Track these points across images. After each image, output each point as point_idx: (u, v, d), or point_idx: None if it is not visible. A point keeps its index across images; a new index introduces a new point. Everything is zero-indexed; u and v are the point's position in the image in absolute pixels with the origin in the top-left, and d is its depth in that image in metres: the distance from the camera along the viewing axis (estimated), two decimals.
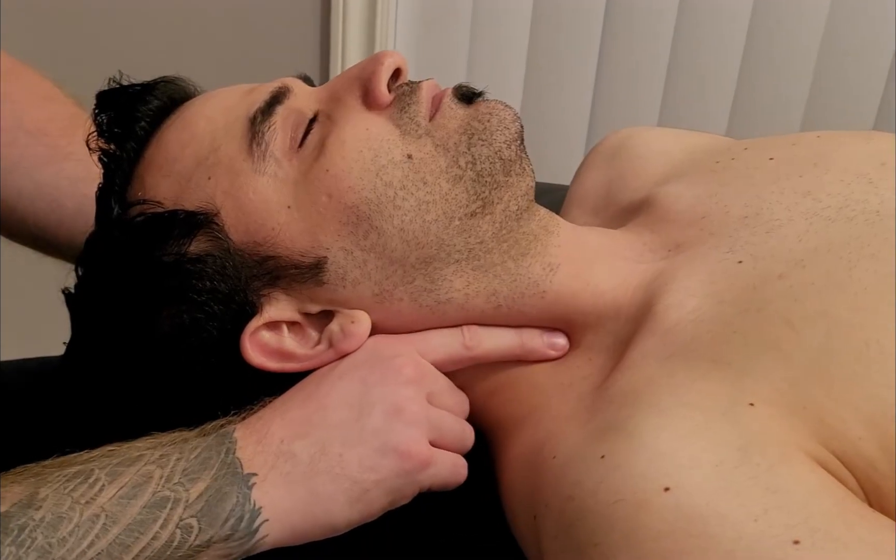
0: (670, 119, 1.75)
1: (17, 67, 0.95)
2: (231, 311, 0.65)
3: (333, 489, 0.60)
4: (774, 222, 0.66)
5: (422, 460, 0.62)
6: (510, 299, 0.68)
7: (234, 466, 0.59)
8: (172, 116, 0.70)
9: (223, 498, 0.58)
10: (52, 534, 0.53)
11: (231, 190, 0.65)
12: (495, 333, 0.69)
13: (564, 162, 0.96)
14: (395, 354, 0.66)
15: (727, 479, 0.52)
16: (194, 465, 0.58)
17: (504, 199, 0.66)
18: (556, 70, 1.73)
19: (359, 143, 0.65)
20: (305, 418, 0.62)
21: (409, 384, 0.64)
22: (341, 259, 0.65)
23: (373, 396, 0.63)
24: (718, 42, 1.72)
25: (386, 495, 0.62)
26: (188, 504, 0.57)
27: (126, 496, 0.56)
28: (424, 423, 0.63)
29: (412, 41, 1.71)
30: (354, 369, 0.64)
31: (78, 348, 0.70)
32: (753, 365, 0.58)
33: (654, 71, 1.73)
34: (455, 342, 0.68)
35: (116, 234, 0.67)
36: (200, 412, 0.63)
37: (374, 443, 0.61)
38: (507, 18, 1.69)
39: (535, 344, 0.69)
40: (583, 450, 0.58)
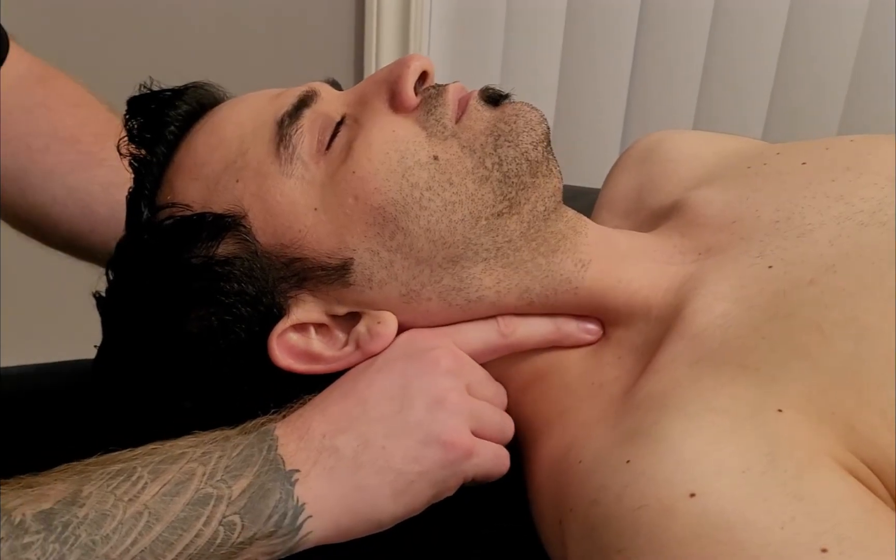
0: (705, 122, 1.74)
1: (50, 73, 0.97)
2: (259, 313, 0.65)
3: (378, 482, 0.60)
4: (806, 227, 0.66)
5: (465, 450, 0.62)
6: (542, 296, 0.68)
7: (276, 463, 0.59)
8: (201, 121, 0.71)
9: (266, 494, 0.58)
10: (95, 531, 0.54)
11: (259, 192, 0.65)
12: (529, 321, 0.69)
13: (598, 164, 0.96)
14: (432, 346, 0.66)
15: (754, 486, 0.52)
16: (236, 463, 0.58)
17: (531, 199, 0.66)
18: (591, 72, 1.73)
19: (385, 144, 0.65)
20: (346, 413, 0.62)
21: (448, 374, 0.64)
22: (368, 260, 0.65)
23: (413, 388, 0.63)
24: (754, 44, 1.71)
25: (430, 487, 0.62)
26: (231, 501, 0.57)
27: (169, 493, 0.56)
28: (466, 413, 0.63)
29: (446, 43, 1.71)
30: (393, 363, 0.65)
31: (109, 351, 0.70)
32: (782, 370, 0.57)
33: (689, 73, 1.73)
34: (491, 331, 0.68)
35: (146, 237, 0.67)
36: (231, 414, 0.64)
37: (417, 434, 0.61)
38: (540, 20, 1.69)
39: (570, 328, 0.69)
40: (608, 454, 0.58)
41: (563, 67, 1.73)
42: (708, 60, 1.72)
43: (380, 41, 1.63)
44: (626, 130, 1.77)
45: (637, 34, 1.70)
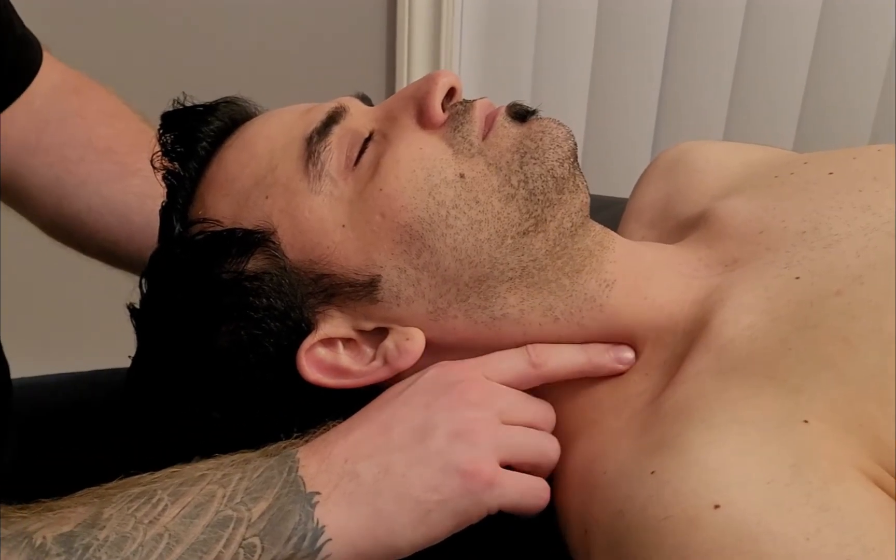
0: (736, 132, 1.74)
1: (85, 84, 0.98)
2: (287, 327, 0.65)
3: (396, 509, 0.60)
4: (833, 237, 0.65)
5: (486, 480, 0.61)
6: (567, 314, 0.68)
7: (296, 485, 0.59)
8: (233, 136, 0.71)
9: (286, 516, 0.58)
10: (115, 553, 0.54)
11: (287, 209, 0.66)
12: (561, 350, 0.68)
13: (629, 175, 0.96)
14: (459, 380, 0.65)
15: (779, 497, 0.51)
16: (257, 485, 0.59)
17: (557, 217, 0.66)
18: (621, 82, 1.73)
19: (412, 162, 0.65)
20: (369, 440, 0.62)
21: (473, 406, 0.64)
22: (395, 277, 0.65)
23: (436, 419, 0.63)
24: (784, 55, 1.70)
25: (450, 517, 0.61)
26: (251, 523, 0.57)
27: (189, 516, 0.56)
28: (491, 444, 0.63)
29: (477, 57, 1.71)
30: (419, 395, 0.64)
31: (142, 362, 0.71)
32: (808, 382, 0.57)
33: (719, 84, 1.72)
34: (521, 362, 0.67)
35: (178, 251, 0.68)
36: (261, 430, 0.64)
37: (437, 463, 0.61)
38: (571, 33, 1.69)
39: (603, 360, 0.68)
40: (633, 465, 0.58)
41: (593, 79, 1.73)
42: (738, 72, 1.72)
43: (411, 55, 1.63)
44: (657, 141, 1.76)
45: (667, 45, 1.70)
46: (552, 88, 1.72)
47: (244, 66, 1.69)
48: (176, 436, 0.64)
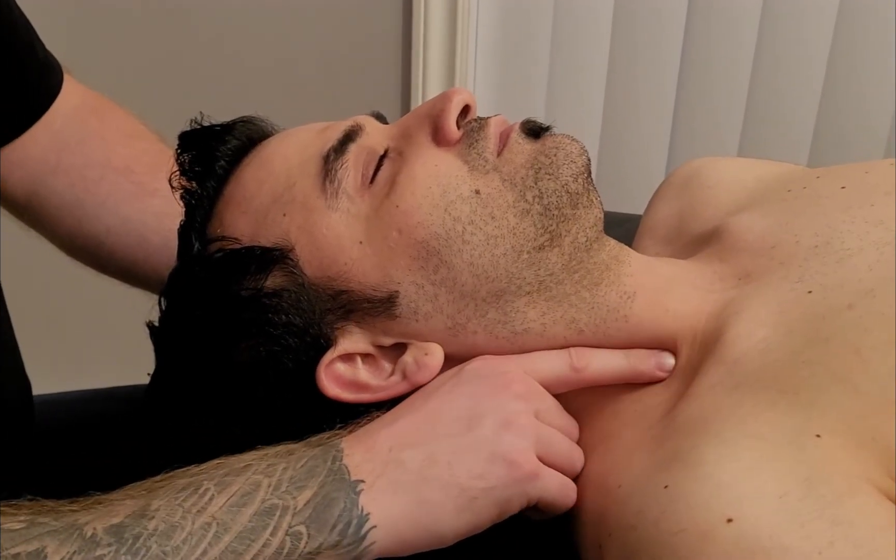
0: (751, 148, 1.73)
1: (105, 105, 0.98)
2: (306, 343, 0.66)
3: (442, 497, 0.60)
4: (845, 252, 0.66)
5: (530, 470, 0.62)
6: (593, 326, 0.68)
7: (340, 473, 0.59)
8: (250, 155, 0.72)
9: (330, 504, 0.58)
10: (165, 542, 0.54)
11: (305, 226, 0.66)
12: (604, 355, 0.68)
13: (644, 191, 0.96)
14: (504, 371, 0.66)
15: (792, 511, 0.52)
16: (301, 474, 0.59)
17: (572, 231, 0.67)
18: (636, 99, 1.73)
19: (428, 179, 0.66)
20: (414, 429, 0.62)
21: (518, 399, 0.64)
22: (413, 293, 0.66)
23: (482, 408, 0.63)
24: (798, 72, 1.70)
25: (494, 505, 0.61)
26: (296, 511, 0.57)
27: (236, 504, 0.56)
28: (533, 437, 0.63)
29: (491, 75, 1.71)
30: (464, 385, 0.65)
31: (161, 379, 0.72)
32: (821, 396, 0.57)
33: (734, 100, 1.72)
34: (562, 364, 0.68)
35: (196, 269, 0.69)
36: (282, 440, 0.64)
37: (483, 452, 0.61)
38: (585, 50, 1.69)
39: (645, 366, 0.68)
40: (647, 479, 0.58)
41: (607, 96, 1.73)
42: (752, 87, 1.72)
43: (426, 73, 1.63)
44: (671, 157, 1.76)
45: (681, 62, 1.70)
46: (566, 106, 1.72)
47: (261, 86, 1.70)
48: (195, 451, 0.64)
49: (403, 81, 1.67)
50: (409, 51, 1.63)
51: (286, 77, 1.71)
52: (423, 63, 1.63)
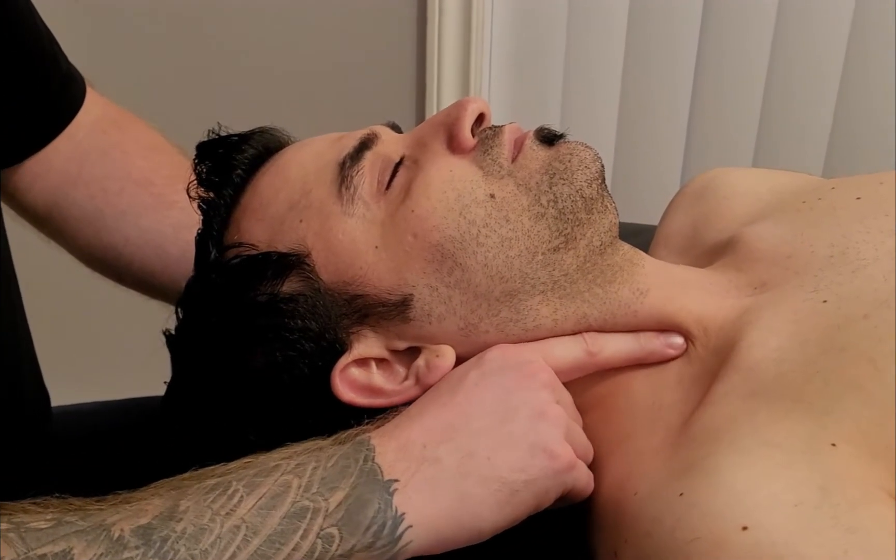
0: (765, 158, 1.73)
1: (126, 118, 0.99)
2: (322, 348, 0.66)
3: (483, 492, 0.60)
4: (860, 262, 0.66)
5: (569, 460, 0.62)
6: (601, 321, 0.68)
7: (373, 473, 0.59)
8: (267, 164, 0.73)
9: (364, 505, 0.57)
10: (194, 545, 0.53)
11: (321, 231, 0.67)
12: (615, 338, 0.69)
13: (658, 202, 0.96)
14: (526, 361, 0.66)
15: (807, 519, 0.52)
16: (332, 474, 0.58)
17: (587, 235, 0.67)
18: (650, 109, 1.73)
19: (443, 184, 0.66)
20: (448, 424, 0.62)
21: (545, 388, 0.65)
22: (427, 296, 0.66)
23: (514, 400, 0.63)
24: (813, 81, 1.69)
25: (534, 497, 0.61)
26: (328, 513, 0.56)
27: (265, 506, 0.56)
28: (564, 426, 0.63)
29: (506, 84, 1.72)
30: (489, 376, 0.65)
31: (178, 387, 0.72)
32: (836, 405, 0.57)
33: (748, 110, 1.72)
34: (578, 349, 0.68)
35: (214, 276, 0.69)
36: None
37: (523, 444, 0.61)
38: (599, 59, 1.70)
39: (654, 345, 0.68)
40: (663, 487, 0.58)
41: (622, 105, 1.73)
42: (767, 97, 1.71)
43: (440, 82, 1.64)
44: (686, 167, 1.76)
45: (696, 71, 1.70)
46: (581, 115, 1.72)
47: (278, 96, 1.70)
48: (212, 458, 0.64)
49: (418, 91, 1.67)
50: (424, 60, 1.64)
51: (302, 87, 1.71)
52: (438, 72, 1.63)
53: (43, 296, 1.18)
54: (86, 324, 1.85)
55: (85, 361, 1.80)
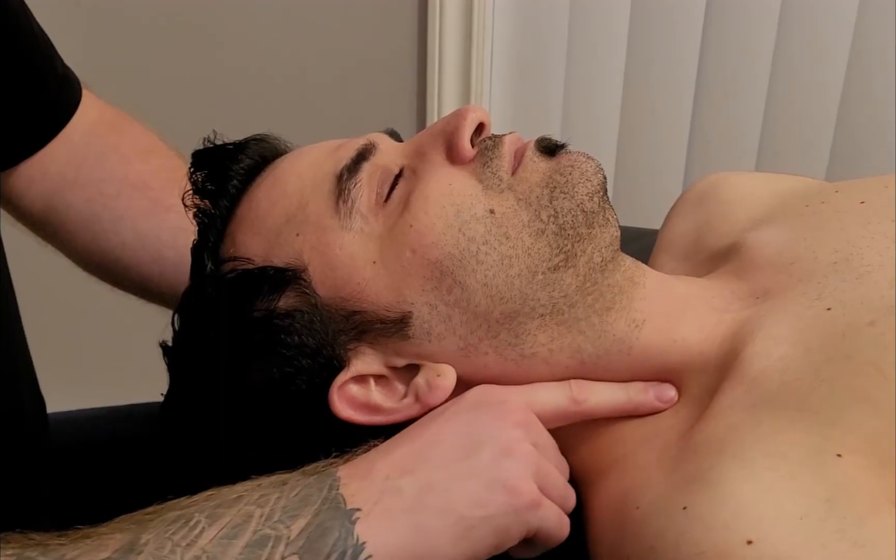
0: (767, 163, 1.73)
1: (123, 120, 0.99)
2: (319, 365, 0.65)
3: (439, 525, 0.58)
4: (865, 268, 0.65)
5: (531, 499, 0.61)
6: (595, 356, 0.67)
7: (336, 501, 0.58)
8: (263, 174, 0.72)
9: (325, 533, 0.56)
10: None
11: (318, 246, 0.66)
12: (603, 388, 0.68)
13: (660, 207, 0.95)
14: (503, 400, 0.65)
15: (813, 532, 0.51)
16: (294, 503, 0.57)
17: (587, 251, 0.66)
18: (651, 114, 1.73)
19: (442, 198, 0.65)
20: (412, 456, 0.61)
21: (517, 426, 0.63)
22: (426, 314, 0.65)
23: (481, 435, 0.62)
24: (815, 87, 1.69)
25: (493, 534, 0.60)
26: (289, 541, 0.55)
27: (227, 536, 0.55)
28: (533, 466, 0.62)
29: (507, 91, 1.72)
30: (463, 413, 0.64)
31: (174, 399, 0.72)
32: (842, 414, 0.56)
33: (750, 114, 1.72)
34: (562, 396, 0.67)
35: (209, 290, 0.68)
36: (293, 463, 0.63)
37: (482, 478, 0.60)
38: (601, 65, 1.70)
39: (643, 398, 0.67)
40: (665, 501, 0.58)
41: (623, 111, 1.73)
42: (769, 101, 1.71)
43: (441, 90, 1.64)
44: (688, 172, 1.76)
45: (698, 75, 1.70)
46: (582, 121, 1.72)
47: (277, 102, 1.70)
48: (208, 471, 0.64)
49: (419, 97, 1.67)
50: (425, 67, 1.64)
51: (302, 92, 1.71)
52: (439, 79, 1.63)
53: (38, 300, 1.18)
54: (83, 328, 1.85)
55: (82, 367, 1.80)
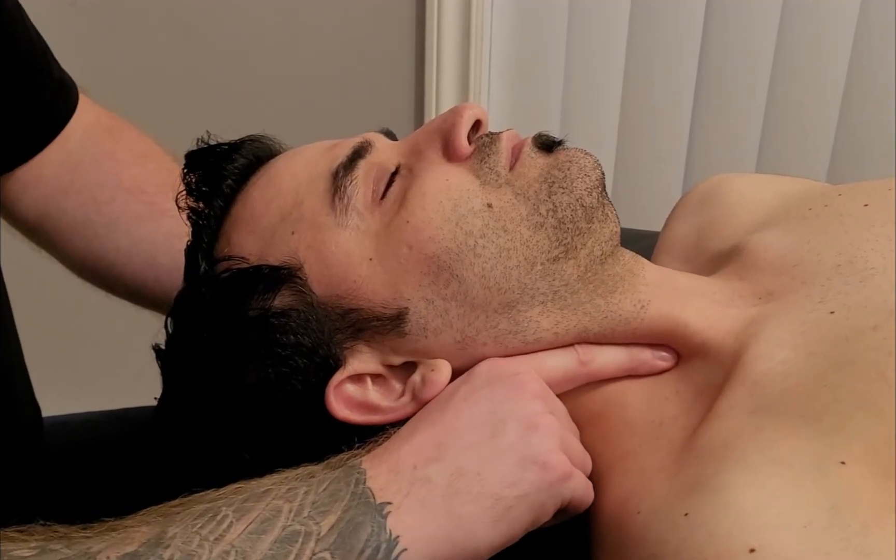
0: (768, 163, 1.73)
1: (118, 125, 0.99)
2: (315, 364, 0.65)
3: (475, 510, 0.58)
4: (869, 271, 0.64)
5: (564, 470, 0.60)
6: (601, 335, 0.67)
7: (365, 496, 0.57)
8: (258, 174, 0.71)
9: (357, 529, 0.55)
10: None
11: (314, 243, 0.66)
12: (607, 350, 0.68)
13: (660, 208, 0.95)
14: (515, 372, 0.65)
15: (816, 541, 0.50)
16: (323, 498, 0.57)
17: (588, 244, 0.66)
18: (652, 113, 1.73)
19: (439, 193, 0.65)
20: (436, 442, 0.60)
21: (536, 398, 0.63)
22: (423, 309, 0.65)
23: (503, 413, 0.61)
24: (816, 87, 1.69)
25: (529, 512, 0.60)
26: (320, 537, 0.55)
27: (255, 532, 0.54)
28: (558, 436, 0.62)
29: (506, 89, 1.72)
30: (478, 390, 0.63)
31: (169, 402, 0.71)
32: (845, 421, 0.56)
33: (751, 115, 1.72)
34: (570, 359, 0.67)
35: (203, 290, 0.68)
36: (290, 464, 0.62)
37: (513, 457, 0.60)
38: (600, 64, 1.70)
39: (644, 356, 0.67)
40: (667, 506, 0.57)
41: (623, 110, 1.73)
42: (770, 102, 1.71)
43: (439, 88, 1.64)
44: (688, 173, 1.76)
45: (698, 75, 1.70)
46: (581, 120, 1.73)
47: (273, 102, 1.71)
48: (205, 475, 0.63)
49: (417, 96, 1.67)
50: (423, 65, 1.64)
51: (299, 92, 1.71)
52: (437, 77, 1.64)
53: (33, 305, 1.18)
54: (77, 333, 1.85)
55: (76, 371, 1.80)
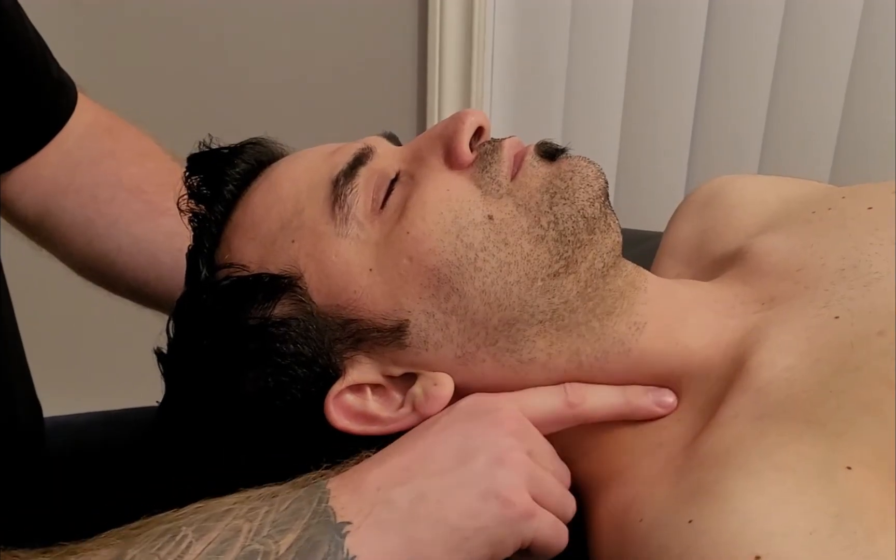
0: (770, 165, 1.73)
1: (118, 124, 0.98)
2: (315, 373, 0.65)
3: (431, 536, 0.57)
4: (873, 276, 0.64)
5: (525, 509, 0.60)
6: (592, 357, 0.66)
7: (326, 515, 0.57)
8: (259, 178, 0.71)
9: (314, 547, 0.55)
10: None
11: (314, 253, 0.65)
12: (599, 391, 0.66)
13: (662, 209, 0.95)
14: (496, 408, 0.64)
15: (822, 548, 0.50)
16: (284, 517, 0.56)
17: (588, 257, 0.65)
18: (654, 115, 1.73)
19: (440, 204, 0.64)
20: (404, 467, 0.60)
21: (510, 435, 0.62)
22: (423, 322, 0.64)
23: (474, 444, 0.61)
24: (819, 87, 1.69)
25: (486, 545, 0.59)
26: (278, 556, 0.54)
27: (214, 552, 0.54)
28: (526, 474, 0.61)
29: (508, 95, 1.72)
30: (456, 422, 0.63)
31: (170, 406, 0.71)
32: (850, 426, 0.55)
33: (753, 115, 1.71)
34: (557, 400, 0.66)
35: (204, 297, 0.67)
36: (289, 471, 0.63)
37: (475, 489, 0.59)
38: (602, 67, 1.70)
39: (642, 402, 0.66)
40: (670, 513, 0.56)
41: (625, 112, 1.73)
42: (772, 104, 1.71)
43: (441, 93, 1.64)
44: (690, 174, 1.76)
45: (700, 76, 1.70)
46: (584, 123, 1.72)
47: (275, 104, 1.71)
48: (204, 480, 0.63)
49: (419, 101, 1.67)
50: (425, 69, 1.64)
51: (302, 95, 1.71)
52: (439, 79, 1.64)
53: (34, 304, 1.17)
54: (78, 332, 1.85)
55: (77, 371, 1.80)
